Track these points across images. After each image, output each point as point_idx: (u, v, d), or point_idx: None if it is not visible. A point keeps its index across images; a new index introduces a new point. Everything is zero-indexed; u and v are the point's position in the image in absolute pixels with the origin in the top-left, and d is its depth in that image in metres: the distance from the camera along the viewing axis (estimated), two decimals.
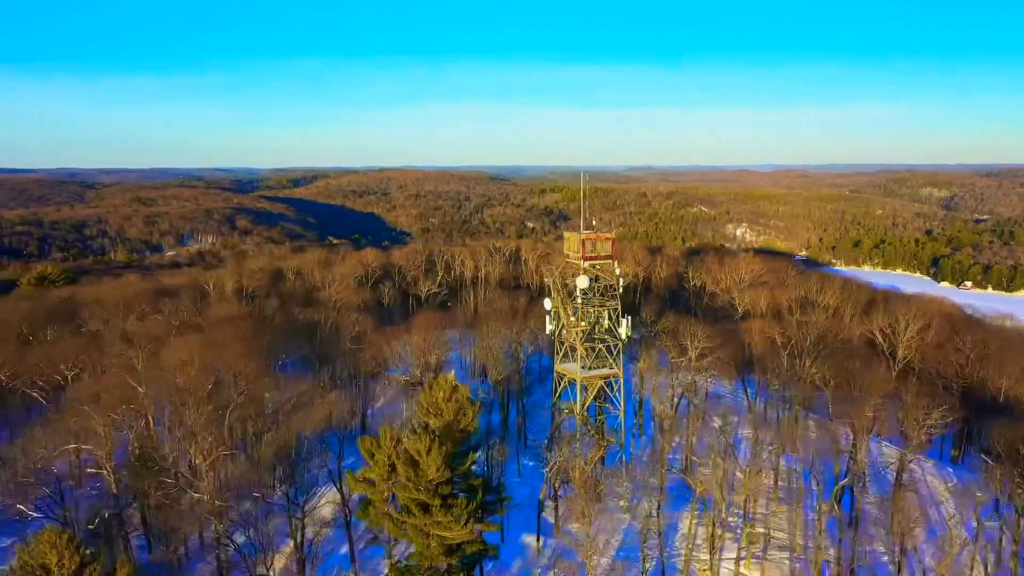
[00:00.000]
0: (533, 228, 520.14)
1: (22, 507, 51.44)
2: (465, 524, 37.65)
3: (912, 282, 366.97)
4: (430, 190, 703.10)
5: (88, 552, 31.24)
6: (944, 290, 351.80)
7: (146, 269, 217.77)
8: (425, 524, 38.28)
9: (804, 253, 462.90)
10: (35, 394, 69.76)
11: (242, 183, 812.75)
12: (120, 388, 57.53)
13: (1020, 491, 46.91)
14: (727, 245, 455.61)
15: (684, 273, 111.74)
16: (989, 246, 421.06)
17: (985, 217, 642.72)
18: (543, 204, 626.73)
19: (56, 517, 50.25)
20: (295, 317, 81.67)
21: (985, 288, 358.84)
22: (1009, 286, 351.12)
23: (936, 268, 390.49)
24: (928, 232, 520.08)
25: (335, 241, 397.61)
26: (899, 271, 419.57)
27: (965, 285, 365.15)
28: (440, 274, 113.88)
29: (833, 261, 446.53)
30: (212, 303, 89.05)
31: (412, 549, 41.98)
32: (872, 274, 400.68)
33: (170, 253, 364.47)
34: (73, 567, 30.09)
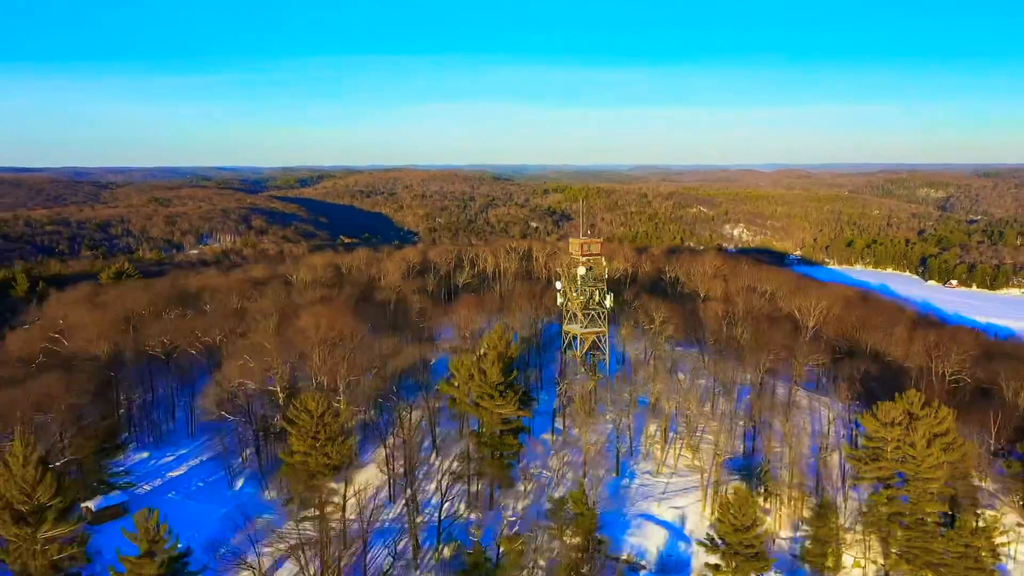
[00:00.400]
0: (537, 228, 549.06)
1: (224, 413, 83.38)
2: (514, 405, 69.13)
3: (901, 281, 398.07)
4: (435, 190, 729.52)
5: (332, 404, 62.63)
6: (931, 288, 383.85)
7: (184, 266, 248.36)
8: (490, 406, 69.71)
9: (799, 253, 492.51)
10: (194, 352, 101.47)
11: (250, 183, 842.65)
12: (261, 345, 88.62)
13: (854, 405, 78.41)
14: (724, 245, 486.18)
15: (663, 267, 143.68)
16: (977, 246, 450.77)
17: (978, 218, 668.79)
18: (546, 204, 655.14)
19: (247, 420, 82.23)
20: (370, 298, 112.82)
21: (970, 286, 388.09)
22: (992, 284, 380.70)
23: (924, 267, 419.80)
24: (921, 232, 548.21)
25: (347, 240, 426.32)
26: (889, 270, 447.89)
27: (951, 283, 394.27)
28: (467, 269, 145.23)
29: (826, 261, 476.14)
30: (299, 289, 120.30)
31: (476, 426, 73.14)
32: (863, 273, 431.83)
33: (193, 251, 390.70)
34: (321, 411, 61.65)
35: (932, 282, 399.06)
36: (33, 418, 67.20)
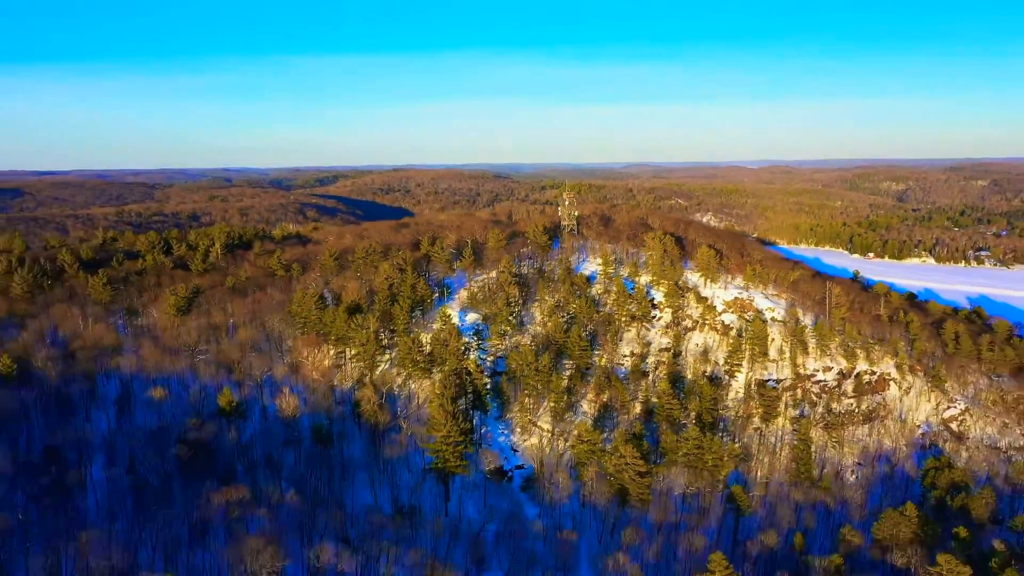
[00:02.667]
0: None
1: None
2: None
3: (833, 255, 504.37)
4: (445, 187, 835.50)
5: None
6: (853, 259, 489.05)
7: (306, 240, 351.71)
8: None
9: (755, 234, 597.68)
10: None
11: (276, 183, 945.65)
12: None
13: None
14: None
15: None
16: (900, 227, 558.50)
17: (921, 207, 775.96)
18: (545, 199, 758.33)
19: None
20: None
21: (883, 257, 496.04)
22: (899, 255, 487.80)
23: (851, 244, 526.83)
24: (867, 219, 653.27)
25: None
26: (826, 247, 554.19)
27: (869, 256, 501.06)
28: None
29: (776, 240, 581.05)
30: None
31: None
32: (805, 249, 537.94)
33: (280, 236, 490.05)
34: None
35: (856, 255, 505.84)
36: None
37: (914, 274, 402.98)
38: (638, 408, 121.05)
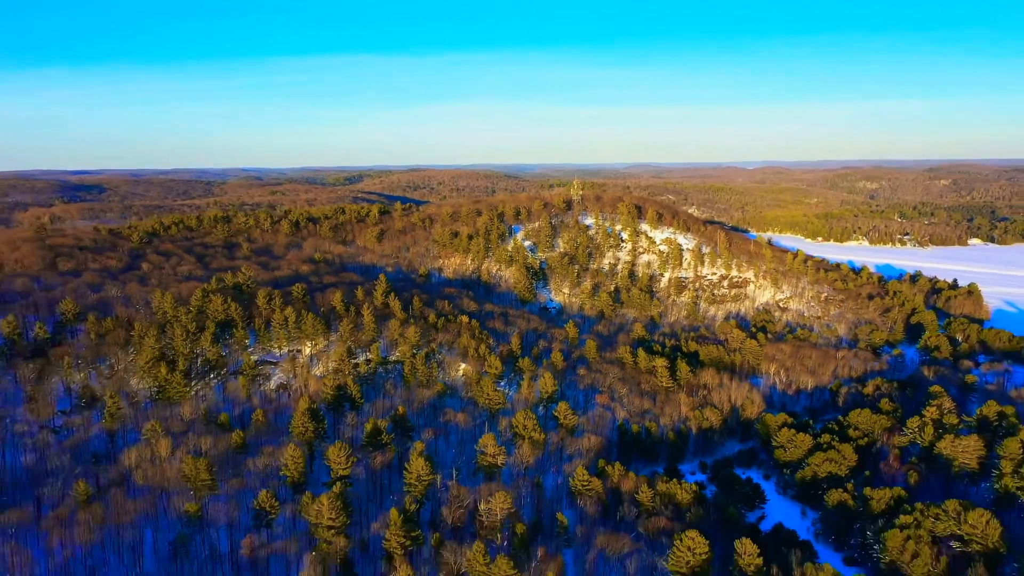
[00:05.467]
0: None
1: None
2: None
3: (792, 240, 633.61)
4: (464, 185, 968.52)
5: None
6: (806, 242, 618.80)
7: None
8: None
9: (731, 223, 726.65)
10: None
11: (312, 180, 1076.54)
12: None
13: None
14: None
15: None
16: (850, 218, 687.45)
17: (882, 203, 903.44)
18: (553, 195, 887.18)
19: None
20: None
21: (828, 240, 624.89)
22: (841, 239, 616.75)
23: (805, 230, 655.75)
24: (826, 212, 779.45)
25: None
26: (788, 234, 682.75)
27: (818, 239, 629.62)
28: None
29: (748, 227, 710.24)
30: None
31: None
32: (771, 235, 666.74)
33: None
34: None
35: (809, 240, 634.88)
36: None
37: (848, 251, 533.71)
38: (612, 287, 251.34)
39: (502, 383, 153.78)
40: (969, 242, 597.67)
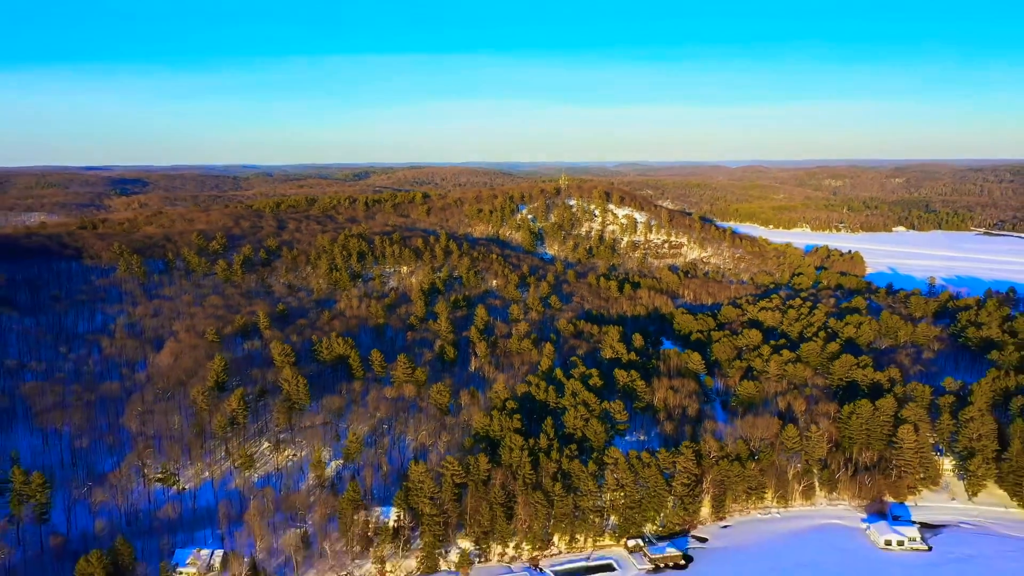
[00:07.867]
0: None
1: None
2: None
3: (748, 228, 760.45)
4: (465, 180, 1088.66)
5: None
6: (760, 228, 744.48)
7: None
8: None
9: (699, 214, 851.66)
10: None
11: (322, 176, 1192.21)
12: None
13: None
14: None
15: None
16: (799, 209, 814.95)
17: (838, 199, 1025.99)
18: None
19: None
20: None
21: (778, 227, 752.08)
22: (788, 226, 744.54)
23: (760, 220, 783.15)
24: (784, 206, 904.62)
25: None
26: (747, 223, 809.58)
27: (770, 226, 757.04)
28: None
29: (713, 217, 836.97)
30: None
31: None
32: (732, 224, 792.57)
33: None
34: None
35: (762, 227, 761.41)
36: None
37: (791, 236, 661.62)
38: (587, 246, 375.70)
39: (519, 288, 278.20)
40: (894, 229, 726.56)
